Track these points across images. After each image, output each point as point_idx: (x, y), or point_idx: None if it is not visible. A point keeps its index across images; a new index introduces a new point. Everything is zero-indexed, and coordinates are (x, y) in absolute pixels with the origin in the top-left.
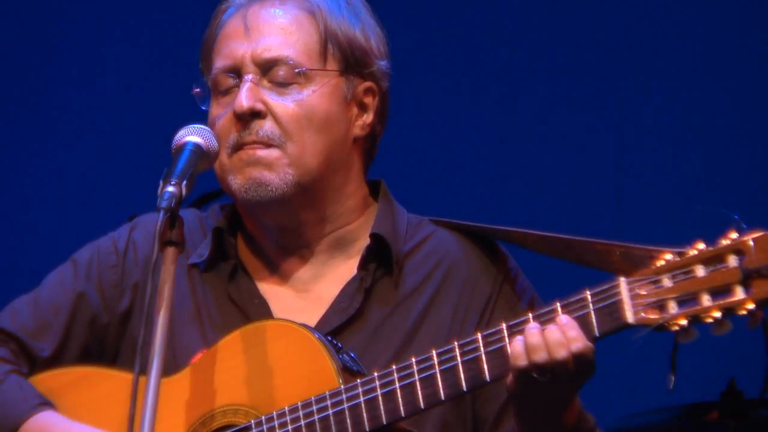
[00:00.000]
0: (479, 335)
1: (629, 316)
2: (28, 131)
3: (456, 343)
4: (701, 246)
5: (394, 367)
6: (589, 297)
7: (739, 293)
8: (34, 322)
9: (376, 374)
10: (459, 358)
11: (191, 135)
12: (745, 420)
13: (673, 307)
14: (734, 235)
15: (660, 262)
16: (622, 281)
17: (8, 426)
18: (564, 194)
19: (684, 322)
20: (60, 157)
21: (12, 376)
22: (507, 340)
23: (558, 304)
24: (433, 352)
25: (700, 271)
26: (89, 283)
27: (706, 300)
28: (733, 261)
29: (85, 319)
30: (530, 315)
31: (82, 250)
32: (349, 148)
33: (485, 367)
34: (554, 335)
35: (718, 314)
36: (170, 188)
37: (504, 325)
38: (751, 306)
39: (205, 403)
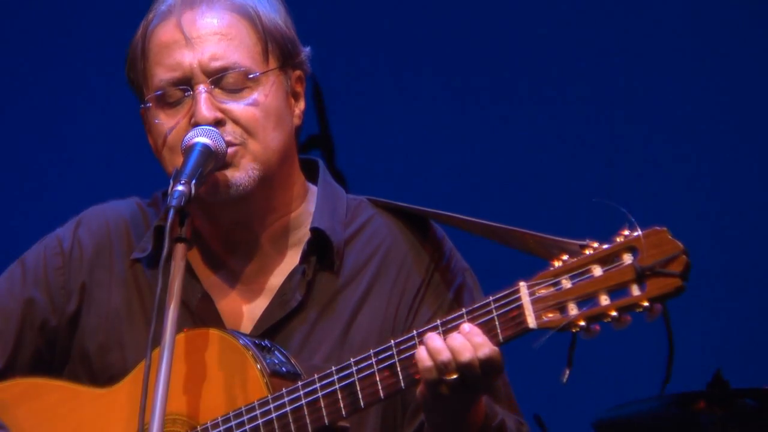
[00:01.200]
0: (392, 342)
1: (530, 321)
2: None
3: (371, 351)
4: (596, 245)
5: (315, 376)
6: (492, 303)
7: (635, 291)
8: None
9: (299, 383)
10: (375, 366)
11: (200, 136)
12: (730, 409)
13: (573, 309)
14: (627, 232)
15: (558, 263)
16: (522, 285)
17: None
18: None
19: (583, 323)
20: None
21: None
22: (418, 347)
23: (464, 311)
24: (351, 360)
25: (597, 270)
26: (37, 287)
27: (604, 300)
28: (627, 259)
29: (35, 325)
30: (438, 322)
31: (30, 250)
32: (293, 137)
33: (400, 374)
34: (457, 341)
35: (614, 314)
36: (180, 187)
37: (414, 332)
38: (645, 304)
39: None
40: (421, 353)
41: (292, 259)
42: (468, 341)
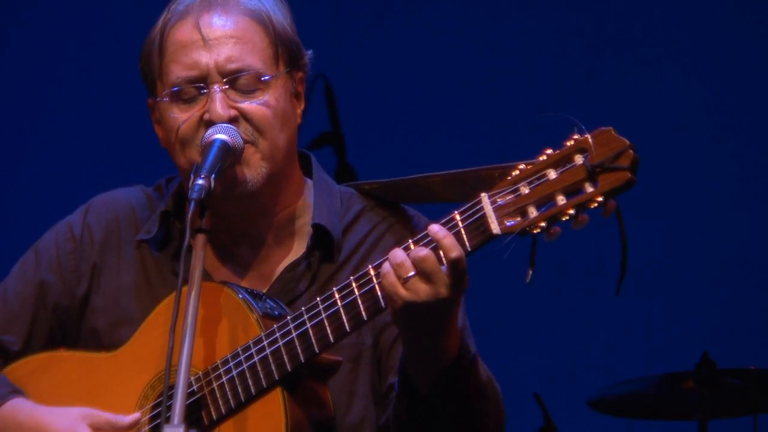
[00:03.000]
0: (370, 267)
1: (494, 228)
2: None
3: (352, 278)
4: (549, 151)
5: (303, 309)
6: (457, 216)
7: (588, 188)
8: (2, 316)
9: (289, 317)
10: (356, 291)
11: (219, 133)
12: (717, 388)
13: (533, 212)
14: (576, 135)
15: (516, 172)
16: (484, 196)
17: None
18: None
19: (543, 224)
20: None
21: None
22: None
23: (429, 226)
24: (334, 289)
25: (552, 174)
26: (50, 271)
27: (560, 200)
28: (579, 159)
29: (48, 307)
30: (410, 240)
31: (43, 238)
32: (295, 136)
33: (378, 295)
34: (420, 251)
35: (572, 211)
36: (200, 181)
37: (390, 254)
38: (600, 199)
39: (150, 369)
40: (385, 263)
41: (292, 248)
42: (437, 243)
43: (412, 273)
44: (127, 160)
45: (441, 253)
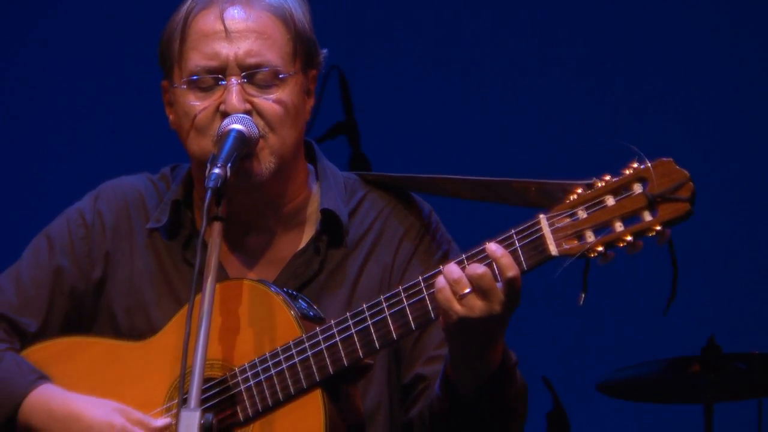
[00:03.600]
0: (420, 278)
1: (552, 249)
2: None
3: (400, 288)
4: (608, 177)
5: (348, 314)
6: (514, 235)
7: (647, 217)
8: (18, 299)
9: (332, 322)
10: (405, 301)
11: (235, 123)
12: (723, 372)
13: (590, 236)
14: (636, 164)
15: (573, 196)
16: (542, 217)
17: (11, 402)
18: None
19: (601, 248)
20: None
21: (8, 353)
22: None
23: (486, 244)
24: (381, 297)
25: (610, 200)
26: (64, 256)
27: (618, 226)
28: (638, 188)
29: (64, 291)
30: (464, 256)
31: (53, 224)
32: (303, 131)
33: (429, 306)
34: (473, 265)
35: (630, 238)
36: (216, 170)
37: (441, 267)
38: (658, 227)
39: (181, 360)
40: (439, 278)
41: (299, 235)
42: (492, 265)
43: (468, 290)
44: (126, 153)
45: (496, 270)
